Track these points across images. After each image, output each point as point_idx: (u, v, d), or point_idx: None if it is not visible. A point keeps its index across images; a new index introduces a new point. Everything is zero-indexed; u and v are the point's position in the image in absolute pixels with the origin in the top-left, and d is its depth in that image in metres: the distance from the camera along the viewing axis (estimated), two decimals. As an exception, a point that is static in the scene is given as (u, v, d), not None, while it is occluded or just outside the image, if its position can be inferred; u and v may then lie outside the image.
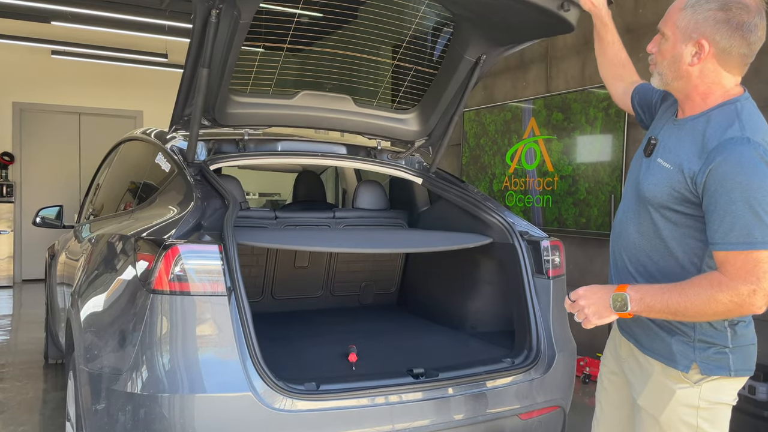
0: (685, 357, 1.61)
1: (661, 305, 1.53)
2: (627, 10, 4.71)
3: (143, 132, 3.47)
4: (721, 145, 1.49)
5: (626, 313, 1.58)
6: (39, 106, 9.14)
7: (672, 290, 1.53)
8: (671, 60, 1.61)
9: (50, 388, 4.37)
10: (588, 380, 4.59)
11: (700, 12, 1.54)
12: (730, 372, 1.59)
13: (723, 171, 1.46)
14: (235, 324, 2.02)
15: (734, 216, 1.45)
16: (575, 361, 2.72)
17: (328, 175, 8.45)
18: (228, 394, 1.97)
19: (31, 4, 7.25)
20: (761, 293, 1.44)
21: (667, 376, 1.65)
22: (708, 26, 1.54)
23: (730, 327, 1.59)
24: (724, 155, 1.47)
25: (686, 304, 1.49)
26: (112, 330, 2.18)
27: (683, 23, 1.57)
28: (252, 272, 3.36)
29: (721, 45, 1.54)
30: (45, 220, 4.40)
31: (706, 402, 1.60)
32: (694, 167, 1.53)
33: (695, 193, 1.53)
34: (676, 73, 1.61)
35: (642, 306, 1.55)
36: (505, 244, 2.77)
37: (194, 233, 2.13)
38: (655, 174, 1.64)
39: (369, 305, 3.77)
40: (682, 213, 1.58)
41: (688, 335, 1.61)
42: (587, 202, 5.01)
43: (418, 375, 2.27)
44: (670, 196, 1.59)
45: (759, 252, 1.44)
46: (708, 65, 1.57)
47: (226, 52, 2.35)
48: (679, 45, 1.59)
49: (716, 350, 1.59)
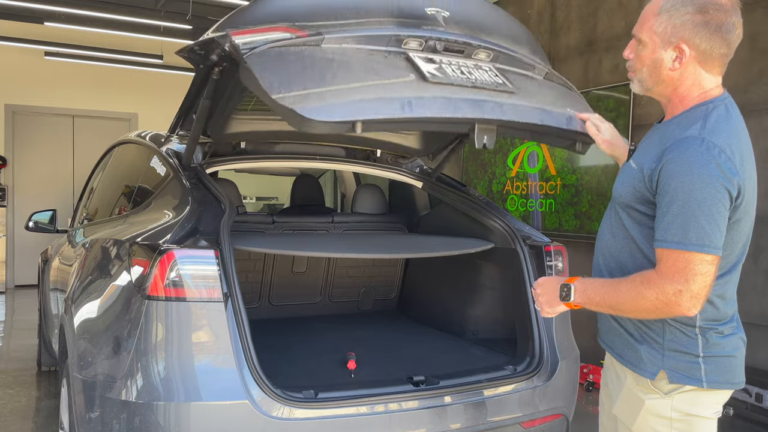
0: (653, 364, 1.58)
1: (599, 298, 1.57)
2: (631, 10, 4.69)
3: (138, 135, 3.46)
4: (676, 144, 1.49)
5: (572, 304, 1.63)
6: (32, 109, 9.09)
7: (610, 285, 1.57)
8: (651, 66, 1.61)
9: (43, 395, 4.34)
10: (591, 388, 4.55)
11: (677, 16, 1.54)
12: (702, 383, 1.54)
13: (671, 169, 1.47)
14: (231, 330, 2.01)
15: (673, 215, 1.45)
16: (578, 368, 2.72)
17: (327, 178, 8.44)
18: (224, 402, 1.96)
19: (23, 5, 7.21)
20: (687, 294, 1.43)
21: (638, 386, 1.63)
22: (687, 30, 1.53)
23: (702, 335, 1.55)
24: (675, 153, 1.47)
25: (618, 298, 1.53)
26: (107, 337, 2.17)
27: (660, 28, 1.57)
28: (249, 278, 3.34)
29: (702, 48, 1.54)
30: (38, 224, 4.40)
31: (680, 413, 1.56)
32: (651, 165, 1.53)
33: (651, 191, 1.53)
34: (657, 79, 1.61)
35: (584, 298, 1.60)
36: (508, 249, 2.76)
37: (190, 238, 2.12)
38: (624, 175, 1.65)
39: (368, 311, 3.75)
40: (643, 213, 1.58)
41: (657, 342, 1.59)
42: (589, 215, 4.97)
43: (418, 383, 2.25)
44: (632, 196, 1.59)
45: (691, 253, 1.43)
46: (689, 68, 1.57)
47: (230, 93, 2.34)
48: (658, 50, 1.58)
49: (687, 359, 1.56)
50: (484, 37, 2.21)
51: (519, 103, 2.04)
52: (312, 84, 1.77)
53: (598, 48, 4.98)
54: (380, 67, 1.91)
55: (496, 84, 2.07)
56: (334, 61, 1.87)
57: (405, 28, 2.06)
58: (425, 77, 1.93)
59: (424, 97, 1.86)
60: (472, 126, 1.93)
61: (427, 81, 1.92)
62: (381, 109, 1.78)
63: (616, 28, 4.82)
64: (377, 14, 2.06)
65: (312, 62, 1.85)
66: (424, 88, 1.90)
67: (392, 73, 1.91)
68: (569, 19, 5.27)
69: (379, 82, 1.85)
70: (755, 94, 3.84)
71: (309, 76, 1.80)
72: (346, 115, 1.73)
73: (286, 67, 1.81)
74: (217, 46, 1.98)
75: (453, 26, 2.15)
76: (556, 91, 2.28)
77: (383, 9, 2.08)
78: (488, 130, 1.96)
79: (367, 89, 1.81)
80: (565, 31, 5.32)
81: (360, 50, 1.95)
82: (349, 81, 1.81)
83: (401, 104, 1.81)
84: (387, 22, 2.06)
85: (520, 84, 2.15)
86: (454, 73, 2.01)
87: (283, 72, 1.79)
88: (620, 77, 4.76)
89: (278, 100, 1.70)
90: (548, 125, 2.04)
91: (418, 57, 2.00)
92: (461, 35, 2.13)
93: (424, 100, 1.86)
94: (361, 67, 1.88)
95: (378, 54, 1.96)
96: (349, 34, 1.97)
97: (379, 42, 1.99)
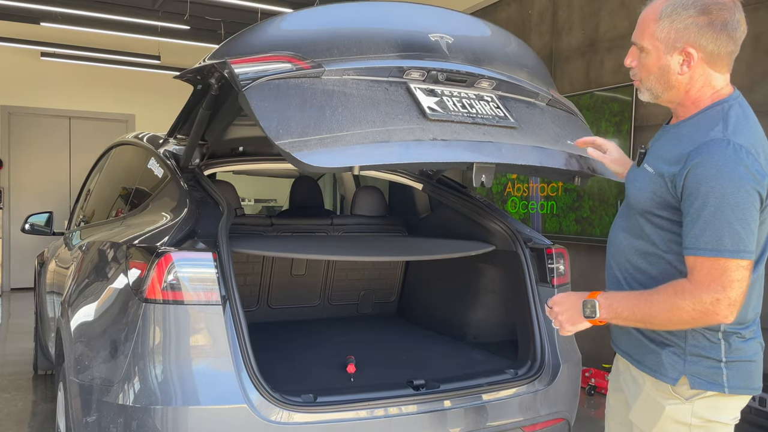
0: (675, 369, 1.56)
1: (628, 312, 1.52)
2: (634, 11, 4.68)
3: (135, 136, 3.45)
4: (701, 147, 1.46)
5: (597, 320, 1.57)
6: (28, 110, 9.06)
7: (639, 297, 1.52)
8: (658, 73, 1.59)
9: (39, 399, 4.32)
10: (593, 392, 4.52)
11: (680, 20, 1.52)
12: (724, 389, 1.52)
13: (699, 174, 1.44)
14: (230, 334, 2.00)
15: (706, 221, 1.42)
16: (580, 372, 2.71)
17: (326, 180, 8.42)
18: (223, 407, 1.95)
19: (19, 5, 7.17)
20: (726, 302, 1.41)
21: (658, 391, 1.60)
22: (692, 33, 1.52)
23: (725, 339, 1.54)
24: (702, 157, 1.44)
25: (651, 311, 1.48)
26: (104, 340, 2.16)
27: (663, 34, 1.55)
28: (247, 280, 3.33)
29: (709, 49, 1.52)
30: (34, 226, 4.39)
31: (700, 419, 1.55)
32: (673, 169, 1.51)
33: (675, 197, 1.51)
34: (666, 85, 1.59)
35: (610, 313, 1.55)
36: (509, 251, 2.75)
37: (188, 240, 2.11)
38: (640, 180, 1.62)
39: (368, 314, 3.74)
40: (666, 218, 1.56)
41: (679, 346, 1.57)
42: (590, 221, 4.95)
43: (418, 387, 2.24)
44: (652, 201, 1.57)
45: (727, 260, 1.41)
46: (698, 70, 1.55)
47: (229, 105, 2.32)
48: (663, 56, 1.56)
49: (709, 364, 1.54)
50: (487, 64, 2.21)
51: (518, 144, 2.03)
52: (311, 126, 1.75)
53: (600, 48, 4.97)
54: (380, 102, 1.91)
55: (498, 118, 2.07)
56: (334, 94, 1.86)
57: (407, 59, 2.05)
58: (425, 114, 1.93)
59: (423, 141, 1.85)
60: (470, 165, 1.94)
61: (426, 119, 1.92)
62: (379, 155, 1.79)
63: (618, 29, 4.81)
64: (380, 43, 2.06)
65: (312, 96, 1.84)
66: (424, 128, 1.89)
67: (392, 110, 1.90)
68: (571, 19, 5.26)
69: (379, 125, 1.84)
70: (760, 95, 3.83)
71: (309, 114, 1.79)
72: (344, 162, 1.74)
73: (286, 103, 1.80)
74: (216, 73, 1.98)
75: (457, 53, 2.15)
76: (559, 120, 2.27)
77: (386, 38, 2.07)
78: (486, 169, 1.95)
79: (366, 135, 1.80)
80: (567, 32, 5.30)
81: (361, 82, 1.94)
82: (348, 122, 1.80)
83: (399, 149, 1.81)
84: (390, 52, 2.06)
85: (522, 116, 2.15)
86: (455, 107, 2.01)
87: (282, 109, 1.78)
88: (623, 78, 4.75)
89: (278, 144, 1.69)
90: (547, 166, 2.05)
91: (419, 89, 2.01)
92: (463, 65, 2.13)
93: (423, 144, 1.85)
94: (361, 103, 1.87)
95: (379, 86, 1.96)
96: (350, 66, 1.96)
97: (380, 73, 1.99)
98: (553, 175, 2.26)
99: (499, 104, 2.14)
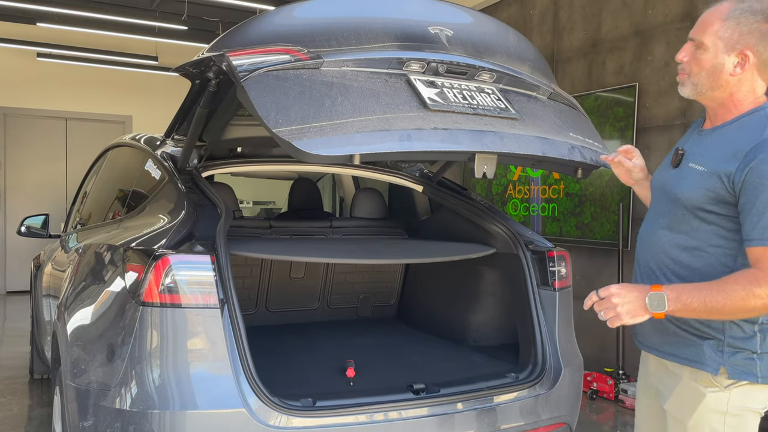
0: (714, 360, 1.65)
1: (699, 303, 1.56)
2: (636, 11, 4.67)
3: (132, 138, 3.44)
4: (760, 145, 1.56)
5: (659, 313, 1.60)
6: (24, 111, 9.03)
7: (709, 288, 1.57)
8: (711, 70, 1.67)
9: (36, 404, 4.30)
10: (595, 396, 4.49)
11: (745, 24, 1.62)
12: (757, 378, 1.62)
13: (763, 169, 1.53)
14: (228, 337, 1.99)
15: None
16: (582, 376, 2.70)
17: (325, 182, 8.40)
18: (221, 411, 1.94)
19: (15, 5, 7.16)
20: None
21: (697, 380, 1.69)
22: (753, 38, 1.62)
23: (760, 332, 1.63)
24: (764, 154, 1.54)
25: (725, 300, 1.53)
26: (100, 344, 2.15)
27: (727, 33, 1.64)
28: (246, 284, 3.32)
29: (764, 56, 1.63)
30: (30, 229, 4.38)
31: (734, 408, 1.65)
32: (730, 167, 1.60)
33: (732, 193, 1.60)
34: (715, 83, 1.67)
35: (679, 305, 1.58)
36: (510, 254, 2.74)
37: (185, 243, 2.10)
38: (688, 178, 1.70)
39: (367, 318, 3.72)
40: (716, 213, 1.64)
41: (718, 339, 1.65)
42: (591, 228, 4.93)
43: (418, 391, 2.23)
44: (705, 197, 1.65)
45: None
46: (747, 75, 1.66)
47: (227, 103, 2.31)
48: (720, 55, 1.65)
49: (744, 356, 1.63)
50: (488, 57, 2.21)
51: (520, 134, 2.03)
52: (311, 115, 1.75)
53: (602, 49, 4.96)
54: (380, 93, 1.90)
55: (499, 110, 2.06)
56: (333, 85, 1.85)
57: (407, 50, 2.05)
58: (426, 104, 1.92)
59: (424, 130, 1.85)
60: (471, 156, 1.94)
61: (427, 108, 1.91)
62: (379, 143, 1.78)
63: (620, 29, 4.80)
64: (379, 35, 2.05)
65: (311, 87, 1.83)
66: (424, 117, 1.88)
67: (392, 100, 1.89)
68: (572, 19, 5.25)
69: (379, 114, 1.83)
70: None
71: (308, 104, 1.78)
72: (344, 150, 1.73)
73: (285, 93, 1.79)
74: (214, 66, 1.97)
75: (457, 46, 2.15)
76: (560, 113, 2.27)
77: (385, 29, 2.07)
78: (488, 159, 1.96)
79: (366, 123, 1.79)
80: (569, 32, 5.30)
81: (360, 73, 1.93)
82: (348, 110, 1.80)
83: (400, 137, 1.80)
84: (389, 43, 2.05)
85: (523, 108, 2.15)
86: (456, 98, 2.00)
87: (281, 99, 1.77)
88: (624, 79, 4.74)
89: (277, 133, 1.68)
90: (549, 156, 2.05)
91: (419, 81, 2.00)
92: (464, 57, 2.12)
93: (424, 133, 1.84)
94: (360, 93, 1.86)
95: (378, 77, 1.95)
96: (350, 57, 1.95)
97: (380, 65, 1.98)
98: (556, 166, 2.27)
99: (500, 96, 2.13)
